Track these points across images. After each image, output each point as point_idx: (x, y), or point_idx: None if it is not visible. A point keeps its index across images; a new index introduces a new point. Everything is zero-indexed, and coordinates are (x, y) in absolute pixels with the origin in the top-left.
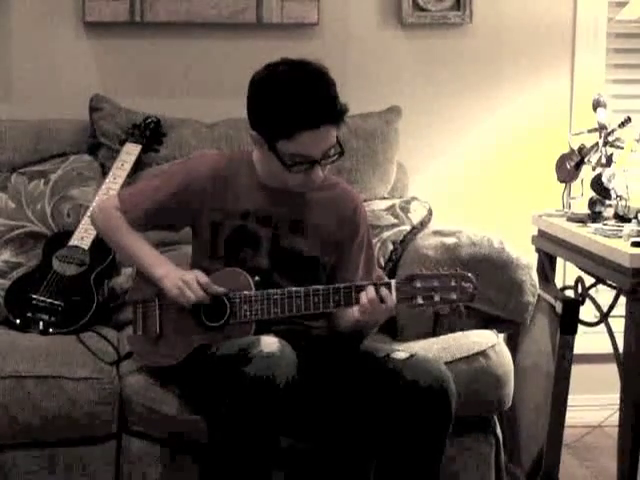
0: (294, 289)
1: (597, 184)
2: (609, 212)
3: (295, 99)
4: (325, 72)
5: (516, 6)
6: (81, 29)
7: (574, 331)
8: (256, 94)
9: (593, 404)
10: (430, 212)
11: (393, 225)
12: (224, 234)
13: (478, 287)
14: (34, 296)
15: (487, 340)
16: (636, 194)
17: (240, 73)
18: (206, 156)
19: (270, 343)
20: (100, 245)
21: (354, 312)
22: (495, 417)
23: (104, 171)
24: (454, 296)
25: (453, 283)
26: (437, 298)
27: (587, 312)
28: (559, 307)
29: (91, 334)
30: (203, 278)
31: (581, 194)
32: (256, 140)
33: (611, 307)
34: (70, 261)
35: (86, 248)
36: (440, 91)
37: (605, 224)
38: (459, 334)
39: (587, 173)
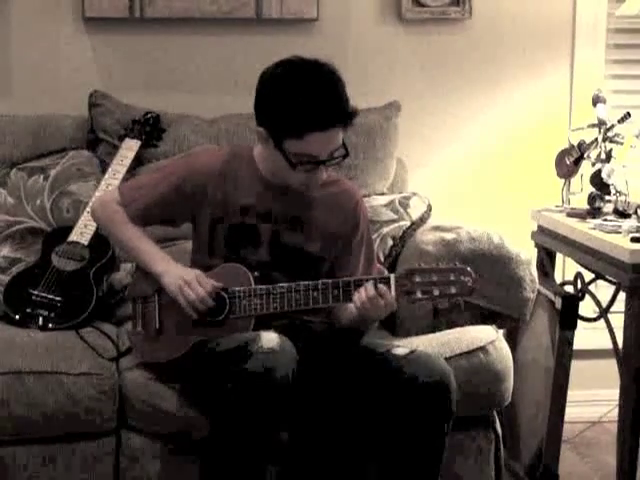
0: (293, 284)
1: (596, 180)
2: (609, 208)
3: (307, 99)
4: (337, 73)
5: (515, 1)
6: (81, 24)
7: (573, 326)
8: (267, 91)
9: (592, 399)
10: (430, 207)
11: (393, 220)
12: (224, 230)
13: (477, 281)
14: (33, 292)
15: (486, 336)
16: (635, 190)
17: (239, 68)
18: (206, 151)
19: (270, 338)
20: (99, 241)
21: (353, 307)
22: (495, 413)
23: (103, 167)
24: (453, 290)
25: (452, 277)
26: (436, 292)
27: (586, 308)
28: (558, 302)
29: (90, 330)
30: (203, 278)
31: (580, 190)
32: (262, 137)
33: (610, 303)
34: (69, 257)
35: (85, 244)
36: (439, 86)
37: (605, 220)
38: (458, 330)
39: (586, 169)
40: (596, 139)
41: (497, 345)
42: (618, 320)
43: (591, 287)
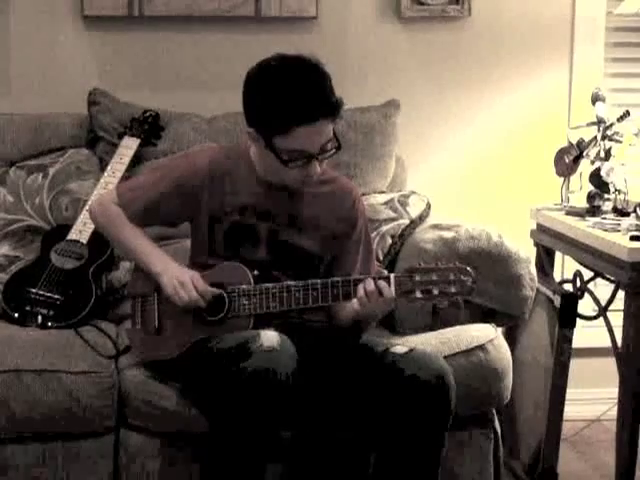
0: (293, 283)
1: (596, 178)
2: (608, 206)
3: (290, 95)
4: (320, 66)
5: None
6: (80, 23)
7: (573, 325)
8: (251, 91)
9: (591, 398)
10: (429, 206)
11: (392, 219)
12: (223, 228)
13: (477, 281)
14: (33, 290)
15: (486, 334)
16: (634, 188)
17: (239, 67)
18: (205, 150)
19: (270, 337)
20: (98, 239)
21: (353, 305)
22: (494, 411)
23: (102, 165)
24: (453, 290)
25: (452, 277)
26: (436, 292)
27: (585, 306)
28: (558, 301)
29: (90, 328)
30: (199, 281)
31: (580, 188)
32: (253, 137)
33: (609, 301)
34: (68, 255)
35: (84, 242)
36: (439, 85)
37: (604, 218)
38: (458, 328)
39: (586, 167)
40: (595, 137)
41: (496, 343)
42: (617, 318)
43: (590, 285)
